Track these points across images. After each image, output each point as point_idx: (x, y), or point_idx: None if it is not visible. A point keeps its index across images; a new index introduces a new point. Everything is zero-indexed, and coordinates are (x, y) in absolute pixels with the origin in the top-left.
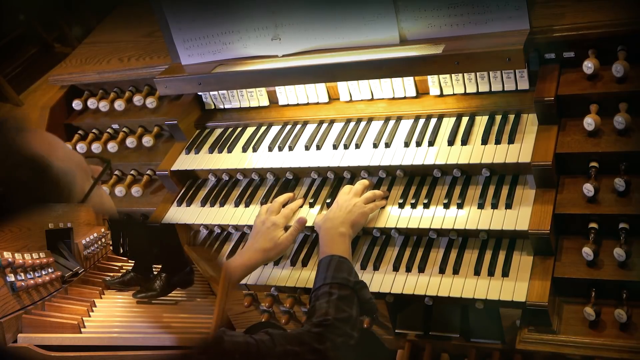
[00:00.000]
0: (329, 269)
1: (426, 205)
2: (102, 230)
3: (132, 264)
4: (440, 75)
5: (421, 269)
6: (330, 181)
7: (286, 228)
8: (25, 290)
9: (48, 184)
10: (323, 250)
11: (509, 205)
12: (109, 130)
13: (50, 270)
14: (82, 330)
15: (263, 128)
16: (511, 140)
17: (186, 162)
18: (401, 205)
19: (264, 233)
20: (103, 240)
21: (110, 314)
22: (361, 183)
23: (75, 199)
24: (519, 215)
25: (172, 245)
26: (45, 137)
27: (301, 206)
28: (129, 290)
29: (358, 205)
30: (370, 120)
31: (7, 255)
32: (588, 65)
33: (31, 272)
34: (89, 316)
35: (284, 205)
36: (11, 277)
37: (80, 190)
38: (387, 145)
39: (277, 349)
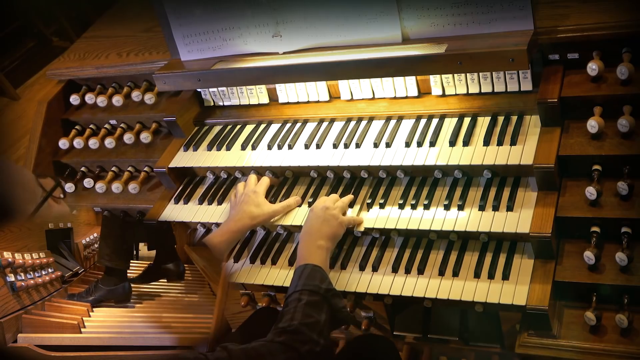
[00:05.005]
0: (301, 277)
1: (426, 207)
2: None
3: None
4: (442, 75)
5: (420, 271)
6: (330, 180)
7: None
8: (25, 290)
9: None
10: (299, 262)
11: (510, 208)
12: (106, 125)
13: (50, 270)
14: (82, 330)
15: (262, 126)
16: (513, 142)
17: (184, 159)
18: (401, 206)
19: (251, 199)
20: None
21: (110, 314)
22: (334, 196)
23: (18, 217)
24: (520, 217)
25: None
26: None
27: (300, 205)
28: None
29: (334, 215)
30: (371, 119)
31: (7, 255)
32: (592, 67)
33: (31, 272)
34: (89, 316)
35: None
36: (11, 277)
37: (23, 210)
38: (388, 145)
39: None
